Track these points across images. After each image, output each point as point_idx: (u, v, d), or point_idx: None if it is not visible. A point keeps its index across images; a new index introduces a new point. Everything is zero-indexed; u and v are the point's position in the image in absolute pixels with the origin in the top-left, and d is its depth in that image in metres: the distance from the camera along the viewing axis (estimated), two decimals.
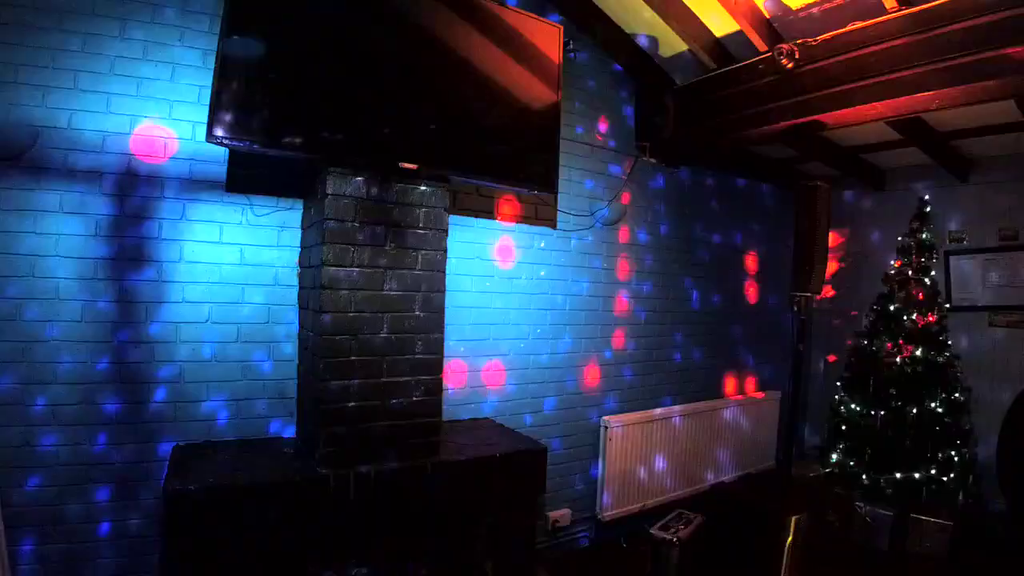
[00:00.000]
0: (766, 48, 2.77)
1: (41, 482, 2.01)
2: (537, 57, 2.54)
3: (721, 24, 2.89)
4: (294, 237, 2.42)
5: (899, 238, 3.95)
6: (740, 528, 2.73)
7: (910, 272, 3.79)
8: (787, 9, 2.68)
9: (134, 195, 2.14)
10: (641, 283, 3.59)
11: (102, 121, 2.09)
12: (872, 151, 4.09)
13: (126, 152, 2.13)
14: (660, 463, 3.58)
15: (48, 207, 2.02)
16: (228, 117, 1.87)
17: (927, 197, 3.93)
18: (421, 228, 2.24)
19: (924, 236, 3.83)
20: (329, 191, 2.05)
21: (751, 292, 4.36)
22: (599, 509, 3.34)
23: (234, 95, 1.87)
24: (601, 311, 3.39)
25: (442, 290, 2.31)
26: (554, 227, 3.18)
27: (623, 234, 3.49)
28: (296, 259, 2.42)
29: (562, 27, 2.63)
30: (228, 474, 1.90)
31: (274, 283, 2.38)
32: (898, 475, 3.53)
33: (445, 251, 2.31)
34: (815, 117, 2.68)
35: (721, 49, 3.04)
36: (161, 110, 2.18)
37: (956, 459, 3.50)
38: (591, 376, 3.36)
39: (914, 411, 3.55)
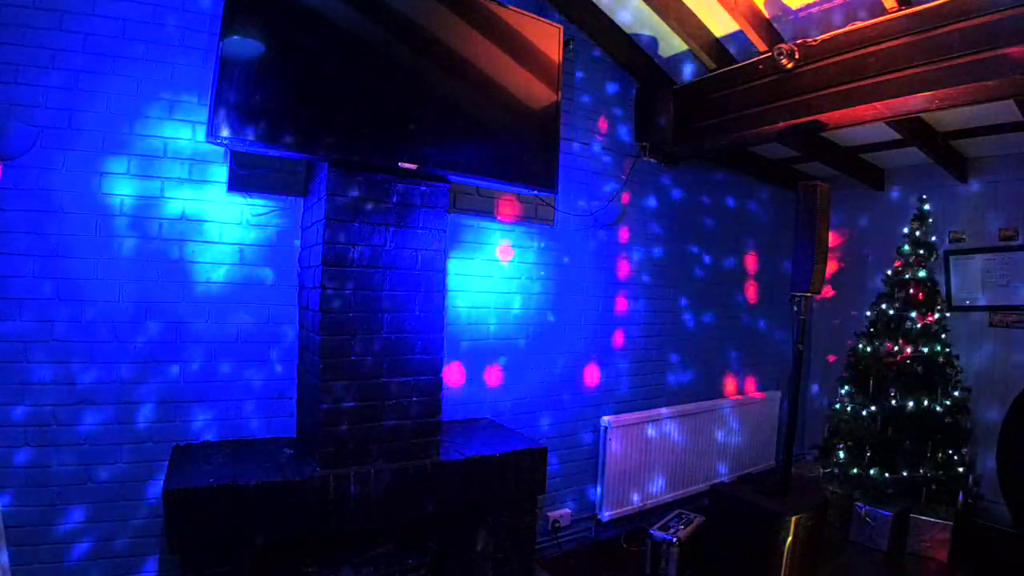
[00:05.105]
0: (766, 48, 2.77)
1: (43, 482, 2.01)
2: (537, 57, 2.54)
3: (721, 24, 2.89)
4: (294, 237, 2.42)
5: (899, 238, 3.96)
6: (740, 528, 2.73)
7: (910, 272, 3.79)
8: (787, 9, 2.69)
9: (134, 195, 2.14)
10: (641, 283, 3.59)
11: (102, 121, 2.09)
12: (872, 151, 4.09)
13: (126, 152, 2.13)
14: (660, 463, 3.58)
15: (47, 207, 2.02)
16: (228, 117, 1.87)
17: (927, 197, 3.94)
18: (421, 228, 2.24)
19: (924, 236, 3.84)
20: (329, 191, 2.05)
21: (751, 291, 4.36)
22: (599, 509, 3.34)
23: (234, 95, 1.87)
24: (601, 311, 3.39)
25: (442, 290, 2.31)
26: (554, 227, 3.18)
27: (623, 234, 3.49)
28: (296, 259, 2.42)
29: (562, 27, 2.63)
30: (228, 474, 1.90)
31: (274, 283, 2.38)
32: (898, 475, 3.53)
33: (445, 251, 2.32)
34: (815, 117, 2.68)
35: (721, 49, 3.04)
36: (161, 110, 2.18)
37: (956, 459, 3.50)
38: (591, 376, 3.36)
39: (914, 411, 3.56)
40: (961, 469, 3.50)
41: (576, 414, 3.30)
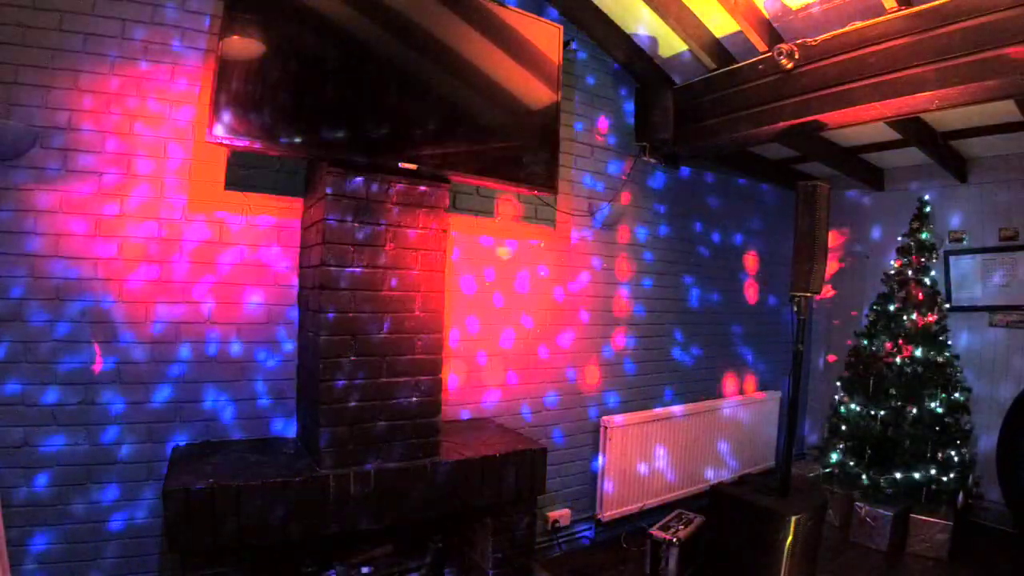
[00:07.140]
0: (766, 48, 2.77)
1: (44, 482, 2.01)
2: (537, 57, 2.54)
3: (721, 24, 2.89)
4: (294, 237, 2.42)
5: (899, 238, 3.96)
6: (740, 528, 2.73)
7: (910, 272, 3.80)
8: (787, 9, 2.68)
9: (134, 195, 2.14)
10: (641, 283, 3.59)
11: (102, 121, 2.09)
12: (872, 151, 4.09)
13: (126, 152, 2.13)
14: (660, 463, 3.58)
15: (48, 207, 2.02)
16: (228, 117, 1.87)
17: (927, 197, 3.95)
18: (421, 228, 2.24)
19: (924, 236, 3.84)
20: (329, 191, 2.05)
21: (751, 292, 4.36)
22: (599, 509, 3.34)
23: (233, 95, 1.88)
24: (601, 311, 3.39)
25: (442, 290, 2.31)
26: (554, 227, 3.19)
27: (623, 234, 3.49)
28: (296, 259, 2.42)
29: (562, 27, 2.63)
30: (228, 474, 1.90)
31: (274, 283, 2.38)
32: (898, 475, 3.53)
33: (445, 251, 2.32)
34: (815, 117, 2.68)
35: (721, 49, 3.04)
36: (161, 110, 2.18)
37: (956, 459, 3.50)
38: (591, 376, 3.36)
39: (914, 411, 3.56)
40: (961, 469, 3.51)
41: (576, 414, 3.30)
